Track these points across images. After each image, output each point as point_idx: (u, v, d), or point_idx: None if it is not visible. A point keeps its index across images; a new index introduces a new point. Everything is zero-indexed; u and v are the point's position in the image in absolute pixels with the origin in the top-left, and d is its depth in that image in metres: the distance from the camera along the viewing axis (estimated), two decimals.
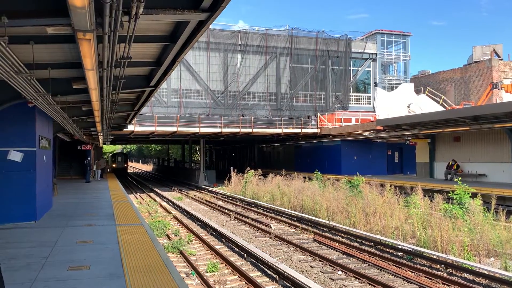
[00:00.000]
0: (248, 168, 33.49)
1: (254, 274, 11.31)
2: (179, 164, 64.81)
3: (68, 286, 6.43)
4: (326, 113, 39.93)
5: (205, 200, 29.49)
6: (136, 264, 7.61)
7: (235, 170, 36.33)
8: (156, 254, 8.42)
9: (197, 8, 6.30)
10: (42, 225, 11.95)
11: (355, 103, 42.62)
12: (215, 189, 36.46)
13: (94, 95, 9.98)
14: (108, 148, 76.10)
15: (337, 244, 14.70)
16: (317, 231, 17.04)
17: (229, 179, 36.14)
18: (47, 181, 14.39)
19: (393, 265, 11.98)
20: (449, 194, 18.00)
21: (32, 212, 12.25)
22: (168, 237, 16.47)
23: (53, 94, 10.16)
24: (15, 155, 11.93)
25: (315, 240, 15.60)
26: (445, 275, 11.09)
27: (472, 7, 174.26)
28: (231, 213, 22.36)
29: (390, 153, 39.74)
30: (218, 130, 35.95)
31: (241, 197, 29.46)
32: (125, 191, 24.79)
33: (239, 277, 10.96)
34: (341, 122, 39.01)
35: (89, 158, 32.48)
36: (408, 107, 41.85)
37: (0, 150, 11.81)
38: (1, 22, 5.26)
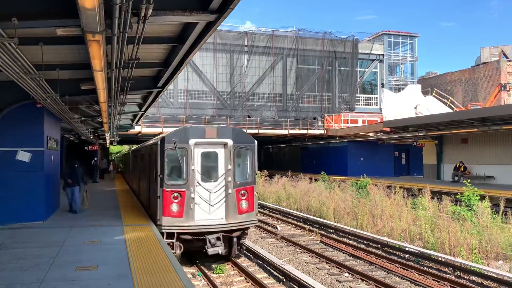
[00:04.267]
0: None
1: (261, 275, 11.29)
2: None
3: (76, 286, 6.45)
4: (333, 114, 39.84)
5: None
6: (144, 265, 7.62)
7: None
8: (163, 254, 8.43)
9: (205, 9, 6.31)
10: (50, 225, 12.00)
11: (361, 105, 42.49)
12: None
13: (102, 96, 10.01)
14: (115, 149, 73.27)
15: (343, 246, 14.65)
16: (323, 232, 16.99)
17: None
18: (54, 181, 14.46)
19: (401, 267, 11.91)
20: (457, 196, 17.88)
21: (40, 212, 12.32)
22: None
23: (61, 95, 10.21)
24: (24, 156, 12.00)
25: (321, 241, 15.56)
26: (453, 277, 11.01)
27: (482, 8, 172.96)
28: None
29: (397, 154, 39.55)
30: None
31: None
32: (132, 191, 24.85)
33: (246, 279, 10.95)
34: (347, 123, 38.91)
35: (95, 159, 32.61)
36: (415, 108, 41.66)
37: (9, 151, 11.89)
38: (11, 23, 5.30)
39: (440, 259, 12.24)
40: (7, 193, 11.74)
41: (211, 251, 11.07)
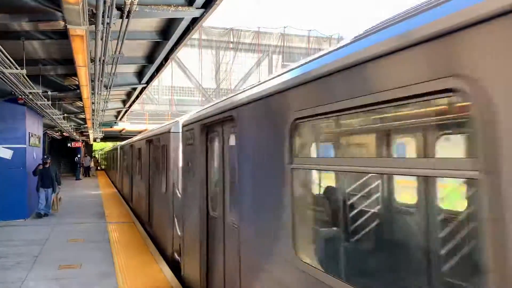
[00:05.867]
0: None
1: None
2: None
3: (59, 285, 6.35)
4: None
5: None
6: (128, 262, 7.55)
7: None
8: (148, 251, 8.37)
9: (191, 4, 6.26)
10: (32, 223, 11.81)
11: None
12: None
13: (86, 92, 9.88)
14: (98, 146, 72.01)
15: None
16: None
17: None
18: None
19: None
20: None
21: (22, 210, 12.10)
22: None
23: (44, 90, 10.04)
24: (5, 152, 11.77)
25: None
26: None
27: None
28: None
29: None
30: None
31: None
32: (116, 188, 24.63)
33: None
34: None
35: (79, 156, 32.22)
36: None
37: None
38: None
39: None
40: None
41: None
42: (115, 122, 28.21)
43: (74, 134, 26.60)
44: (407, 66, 1.73)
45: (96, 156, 58.55)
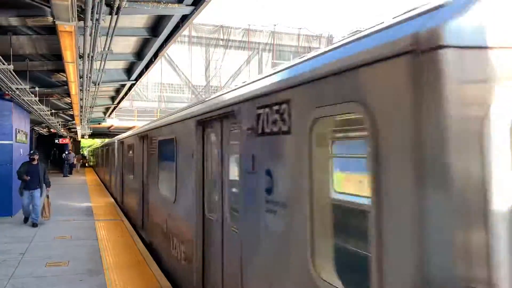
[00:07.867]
0: None
1: None
2: None
3: (46, 282, 6.31)
4: None
5: None
6: (116, 260, 7.52)
7: None
8: (136, 249, 8.34)
9: (181, 1, 6.25)
10: (18, 220, 11.67)
11: None
12: None
13: (74, 88, 9.81)
14: (86, 142, 71.31)
15: None
16: None
17: None
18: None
19: None
20: None
21: (8, 207, 11.96)
22: None
23: (31, 86, 9.94)
24: None
25: None
26: None
27: None
28: None
29: None
30: None
31: None
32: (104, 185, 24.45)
33: None
34: None
35: (66, 152, 31.89)
36: None
37: None
38: None
39: None
40: None
41: None
42: (104, 119, 28.01)
43: (62, 130, 26.36)
44: None
45: (84, 153, 58.02)
